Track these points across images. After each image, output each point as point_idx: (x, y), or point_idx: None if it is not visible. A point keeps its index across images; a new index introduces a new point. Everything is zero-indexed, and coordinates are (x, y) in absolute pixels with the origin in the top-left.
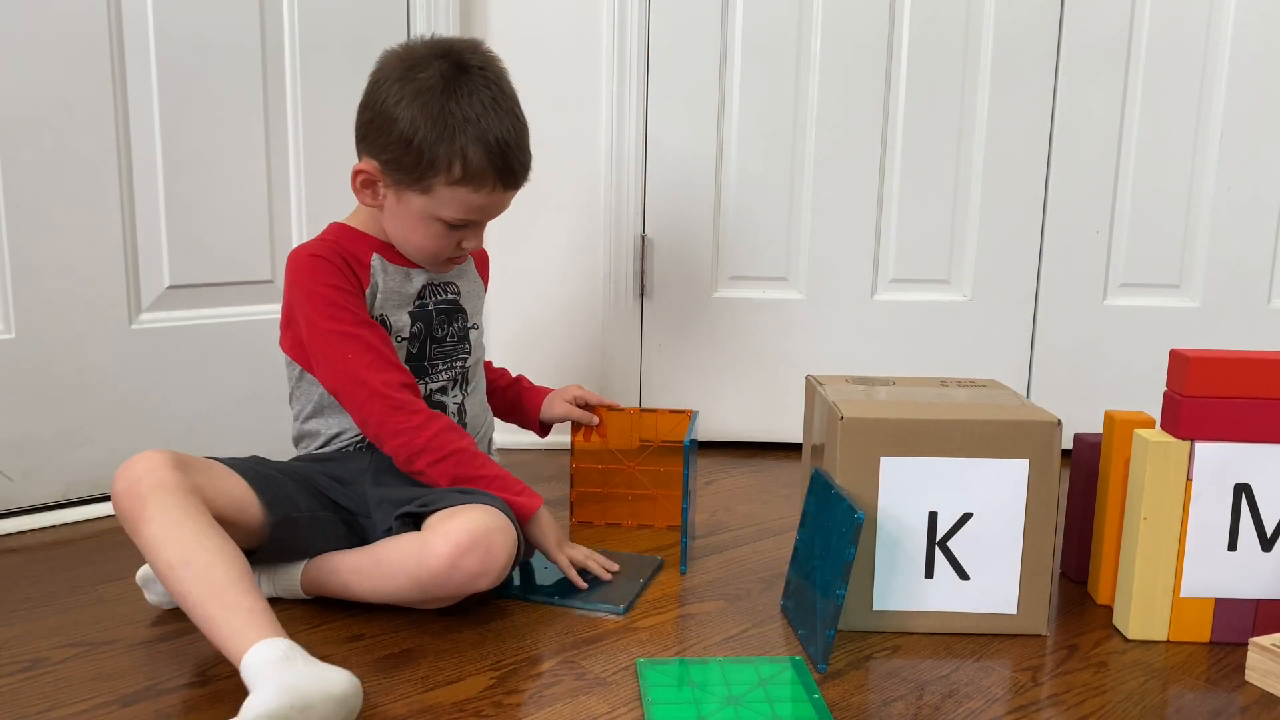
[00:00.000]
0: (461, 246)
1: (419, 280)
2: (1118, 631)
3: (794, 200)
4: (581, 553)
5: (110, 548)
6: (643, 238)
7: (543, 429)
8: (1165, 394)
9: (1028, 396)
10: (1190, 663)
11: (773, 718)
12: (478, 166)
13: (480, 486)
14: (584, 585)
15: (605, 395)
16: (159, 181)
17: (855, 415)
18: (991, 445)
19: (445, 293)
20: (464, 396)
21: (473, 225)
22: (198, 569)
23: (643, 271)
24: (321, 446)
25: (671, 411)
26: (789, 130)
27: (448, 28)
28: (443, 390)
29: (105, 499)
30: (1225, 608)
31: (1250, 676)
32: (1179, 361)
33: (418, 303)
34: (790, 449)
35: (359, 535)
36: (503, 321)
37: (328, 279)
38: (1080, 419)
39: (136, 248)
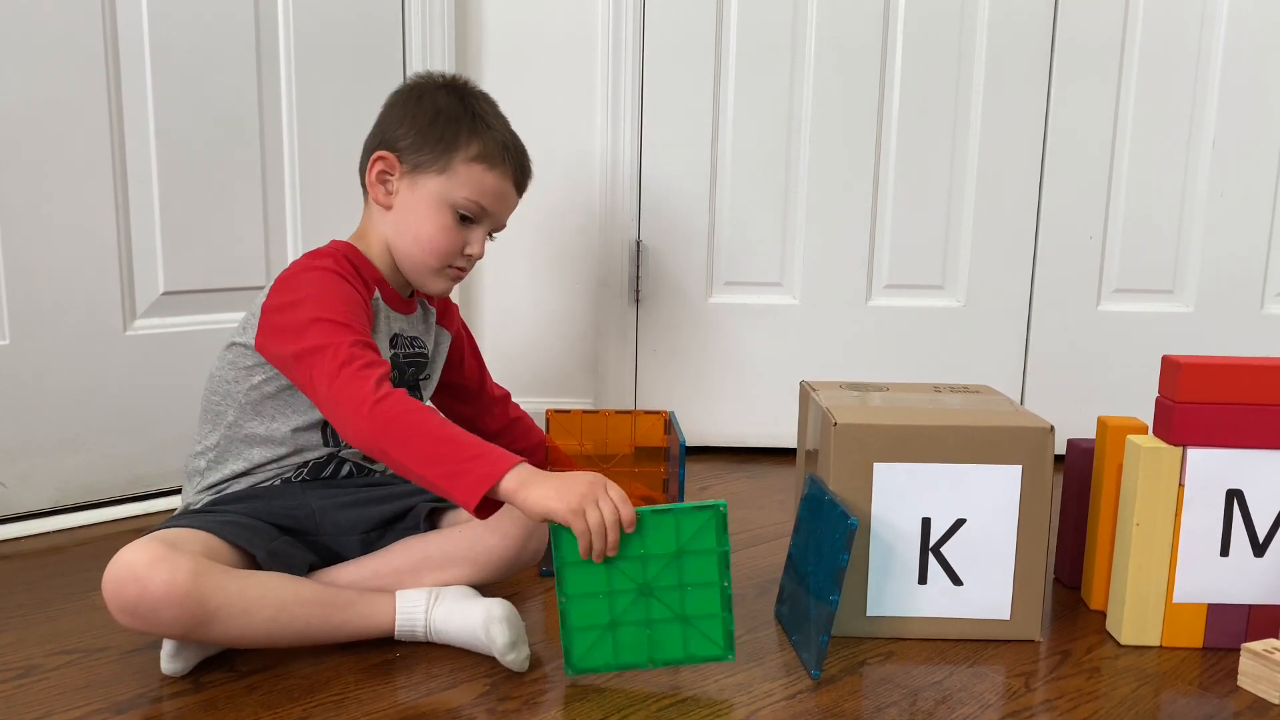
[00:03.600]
0: (465, 253)
1: (395, 324)
2: (1111, 637)
3: (788, 206)
4: (604, 512)
5: (104, 555)
6: (638, 243)
7: None
8: (1157, 400)
9: (1021, 402)
10: (1183, 668)
11: (681, 614)
12: (494, 149)
13: (435, 459)
14: (598, 559)
15: (601, 401)
16: (154, 187)
17: (849, 421)
18: (985, 451)
19: (413, 346)
20: None
21: (478, 221)
22: (294, 603)
23: (638, 277)
24: (243, 475)
25: (647, 413)
26: (783, 135)
27: (443, 31)
28: None
29: (99, 505)
30: (1218, 613)
31: (1243, 682)
32: (1171, 367)
33: (393, 352)
34: (784, 454)
35: (321, 553)
36: (499, 327)
37: (344, 289)
38: (1073, 425)
39: (131, 254)
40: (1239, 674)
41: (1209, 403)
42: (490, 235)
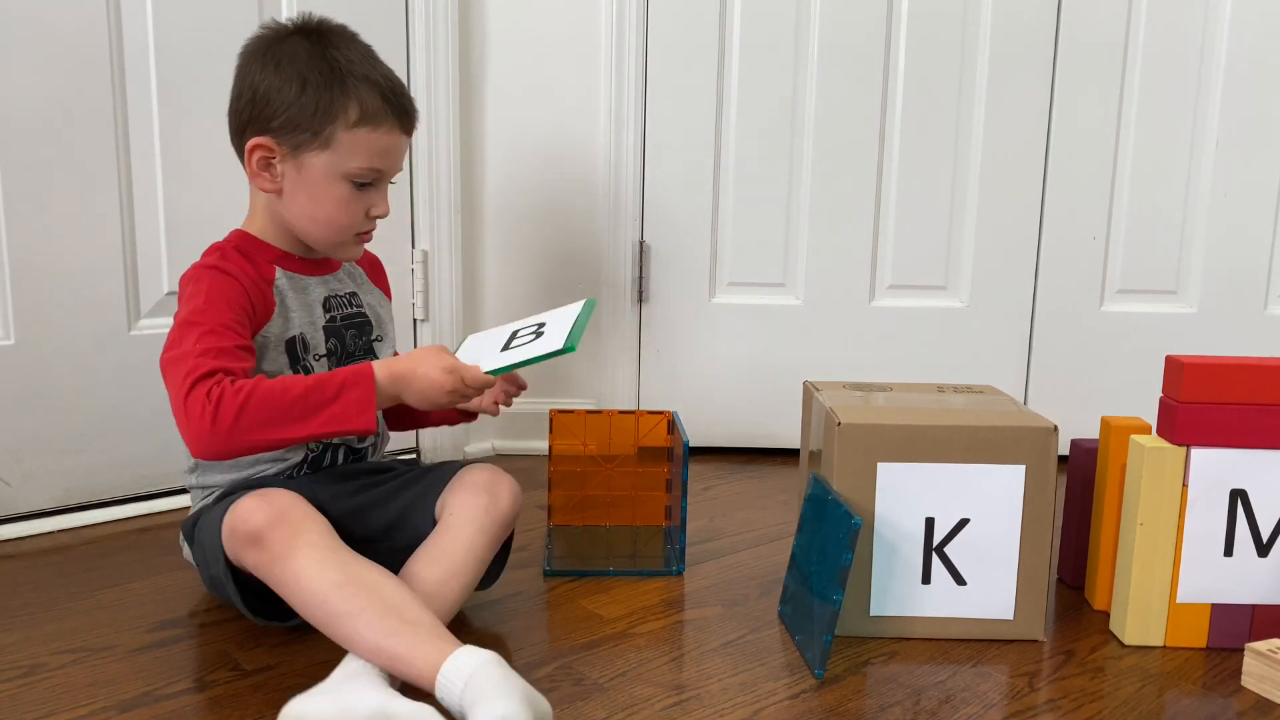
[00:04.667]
0: (370, 216)
1: (319, 291)
2: (1114, 637)
3: (792, 206)
4: (454, 365)
5: (109, 553)
6: (641, 244)
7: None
8: (1161, 400)
9: (1025, 402)
10: (1187, 668)
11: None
12: (374, 105)
13: (308, 412)
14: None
15: (603, 401)
16: (158, 187)
17: (852, 421)
18: (988, 451)
19: (351, 305)
20: (379, 418)
21: (377, 183)
22: (368, 587)
23: (641, 277)
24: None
25: (650, 413)
26: (786, 136)
27: (446, 32)
28: None
29: (104, 505)
30: (1221, 613)
31: (1246, 682)
32: (1175, 367)
33: (328, 317)
34: (788, 455)
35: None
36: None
37: (223, 286)
38: (1077, 425)
39: (136, 253)
40: (1243, 674)
41: (1213, 403)
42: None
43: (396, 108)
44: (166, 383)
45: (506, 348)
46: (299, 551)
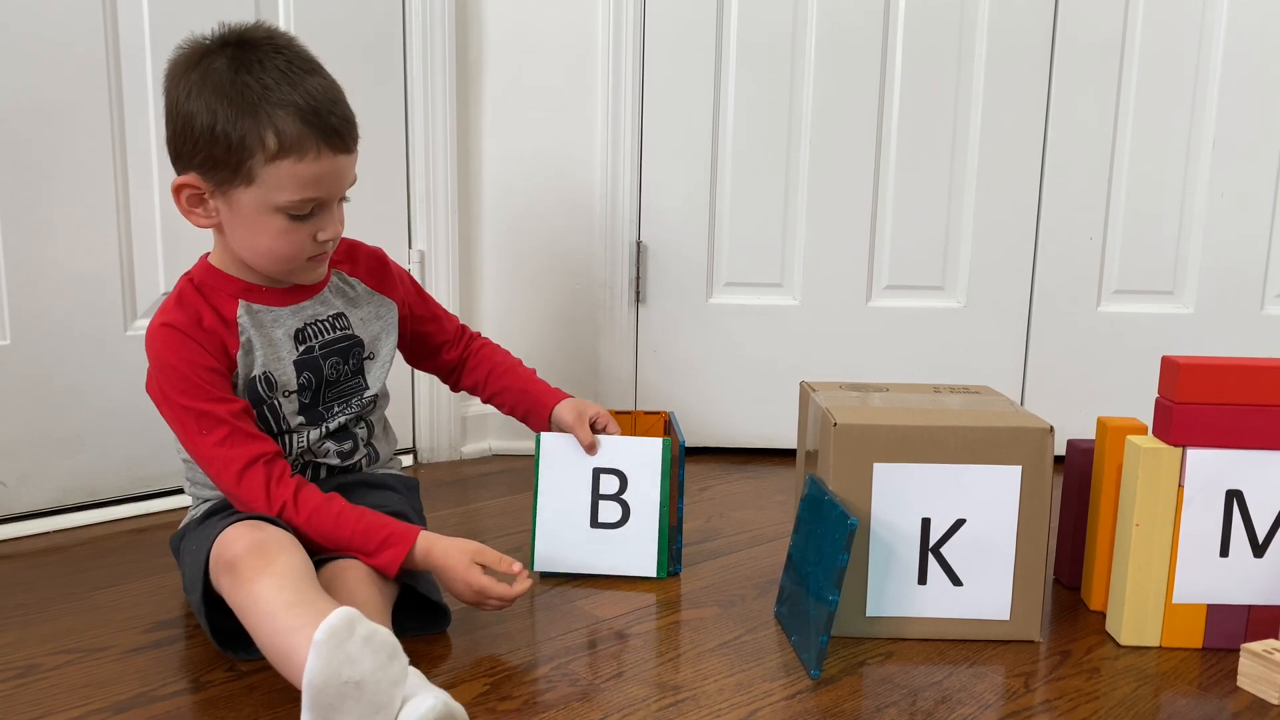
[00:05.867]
0: (319, 240)
1: (290, 322)
2: (1110, 638)
3: (789, 206)
4: (482, 586)
5: (104, 554)
6: (638, 244)
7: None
8: (1157, 400)
9: (1021, 403)
10: (1182, 669)
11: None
12: (293, 132)
13: (340, 548)
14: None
15: (599, 401)
16: (155, 188)
17: (848, 422)
18: (985, 451)
19: (334, 329)
20: (367, 433)
21: (319, 209)
22: (318, 610)
23: (638, 278)
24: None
25: (647, 413)
26: (784, 136)
27: (443, 34)
28: (343, 429)
29: (100, 505)
30: (1217, 614)
31: (1242, 682)
32: (1171, 368)
33: (303, 349)
34: (785, 455)
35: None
36: (500, 328)
37: (180, 352)
38: (1074, 425)
39: (132, 254)
40: (1238, 674)
41: (1209, 403)
42: (343, 199)
43: (321, 129)
44: (204, 465)
45: (595, 523)
46: (264, 579)
